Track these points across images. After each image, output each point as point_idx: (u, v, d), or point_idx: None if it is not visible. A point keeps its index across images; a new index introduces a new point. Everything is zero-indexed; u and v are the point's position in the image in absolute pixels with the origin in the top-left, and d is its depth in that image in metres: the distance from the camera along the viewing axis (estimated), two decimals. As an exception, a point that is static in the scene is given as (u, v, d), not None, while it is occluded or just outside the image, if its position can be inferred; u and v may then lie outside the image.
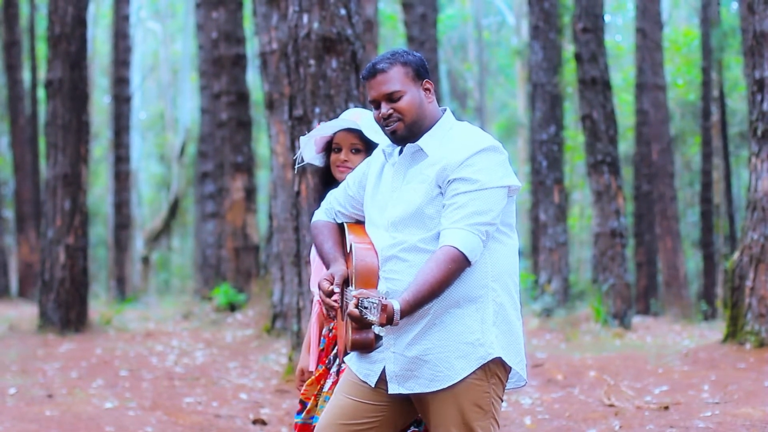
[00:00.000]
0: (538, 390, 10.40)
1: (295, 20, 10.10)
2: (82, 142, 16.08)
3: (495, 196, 4.25)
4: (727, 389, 9.50)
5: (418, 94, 4.40)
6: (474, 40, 43.73)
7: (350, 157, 4.97)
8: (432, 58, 23.14)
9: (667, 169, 25.20)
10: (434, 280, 4.12)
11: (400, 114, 4.38)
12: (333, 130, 5.00)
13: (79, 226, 15.93)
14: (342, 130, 4.98)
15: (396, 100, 4.38)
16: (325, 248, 4.69)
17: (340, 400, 4.49)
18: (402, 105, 4.38)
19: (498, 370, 4.32)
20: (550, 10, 22.04)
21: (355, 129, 4.96)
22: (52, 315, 15.56)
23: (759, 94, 11.44)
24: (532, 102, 22.96)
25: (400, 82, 4.38)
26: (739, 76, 27.53)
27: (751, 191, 11.52)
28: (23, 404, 9.71)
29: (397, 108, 4.38)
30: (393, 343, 4.33)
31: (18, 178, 26.74)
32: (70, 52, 15.97)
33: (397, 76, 4.39)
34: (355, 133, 4.97)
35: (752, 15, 11.50)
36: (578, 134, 29.14)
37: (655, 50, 24.94)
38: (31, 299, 23.79)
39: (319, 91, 9.97)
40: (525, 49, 29.60)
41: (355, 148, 4.98)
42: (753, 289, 11.20)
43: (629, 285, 17.83)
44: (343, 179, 4.93)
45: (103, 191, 41.27)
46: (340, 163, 4.98)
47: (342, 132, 4.99)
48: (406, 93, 4.38)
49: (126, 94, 30.51)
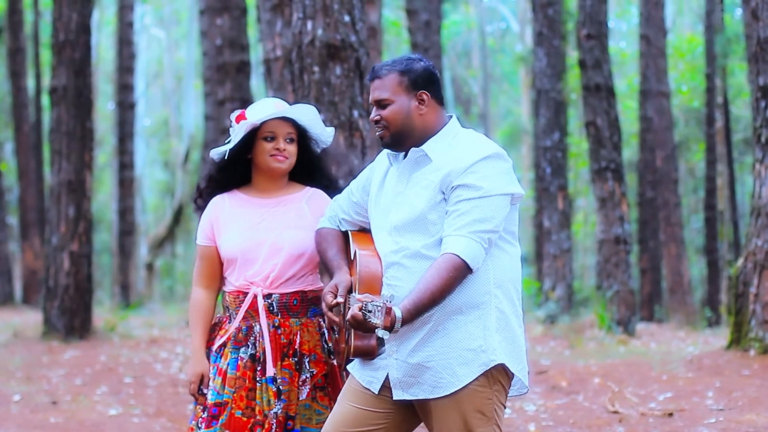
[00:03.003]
0: (542, 396, 10.39)
1: (299, 27, 10.10)
2: (86, 148, 16.09)
3: (498, 203, 4.25)
4: (732, 396, 9.49)
5: (407, 105, 4.40)
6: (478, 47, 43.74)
7: (286, 146, 4.88)
8: (436, 65, 22.92)
9: (671, 176, 25.18)
10: (435, 288, 4.12)
11: (385, 122, 4.41)
12: (268, 118, 4.85)
13: (84, 232, 15.93)
14: (275, 119, 4.86)
15: (384, 107, 4.42)
16: (328, 255, 4.69)
17: (343, 408, 4.49)
18: (386, 114, 4.41)
19: (501, 377, 4.32)
20: (554, 16, 22.04)
21: (289, 118, 4.89)
22: (56, 322, 15.56)
23: (763, 100, 11.43)
24: (536, 108, 22.96)
25: (390, 90, 4.40)
26: (743, 82, 27.52)
27: (755, 198, 11.51)
28: (28, 411, 9.72)
29: (383, 116, 4.42)
30: (396, 350, 4.33)
31: (22, 184, 26.76)
32: (75, 58, 15.98)
33: (390, 84, 4.41)
34: (289, 122, 4.89)
35: (756, 21, 11.49)
36: (582, 141, 29.14)
37: (659, 57, 24.93)
38: (36, 306, 23.78)
39: (324, 98, 9.97)
40: (529, 56, 29.59)
41: (290, 137, 4.90)
42: (757, 296, 11.19)
43: (633, 292, 17.81)
44: (279, 169, 4.89)
45: (107, 198, 41.29)
46: (277, 152, 4.86)
47: (276, 120, 4.86)
48: (394, 102, 4.40)
49: (130, 101, 30.53)
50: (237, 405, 4.78)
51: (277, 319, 4.83)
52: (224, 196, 5.01)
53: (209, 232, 4.98)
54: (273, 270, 4.84)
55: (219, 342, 4.90)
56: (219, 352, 4.88)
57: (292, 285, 4.88)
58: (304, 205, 4.97)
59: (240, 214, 4.94)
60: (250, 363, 4.81)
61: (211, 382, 4.86)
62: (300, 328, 4.87)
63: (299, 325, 4.87)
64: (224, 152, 4.93)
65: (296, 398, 4.82)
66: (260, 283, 4.84)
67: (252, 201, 4.97)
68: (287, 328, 4.84)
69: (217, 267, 5.00)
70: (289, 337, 4.84)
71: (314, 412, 4.84)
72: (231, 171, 4.99)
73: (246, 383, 4.80)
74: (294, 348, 4.84)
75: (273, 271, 4.84)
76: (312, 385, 4.85)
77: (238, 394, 4.79)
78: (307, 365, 4.85)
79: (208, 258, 5.00)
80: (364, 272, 4.36)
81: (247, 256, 4.86)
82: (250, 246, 4.85)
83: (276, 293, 4.85)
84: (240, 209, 4.95)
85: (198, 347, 4.98)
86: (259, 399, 4.77)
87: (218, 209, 4.98)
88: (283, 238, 4.86)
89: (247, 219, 4.92)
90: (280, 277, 4.85)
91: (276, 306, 4.84)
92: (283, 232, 4.87)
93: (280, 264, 4.84)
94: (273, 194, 4.98)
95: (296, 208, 4.95)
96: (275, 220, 4.91)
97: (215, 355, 4.90)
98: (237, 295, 4.89)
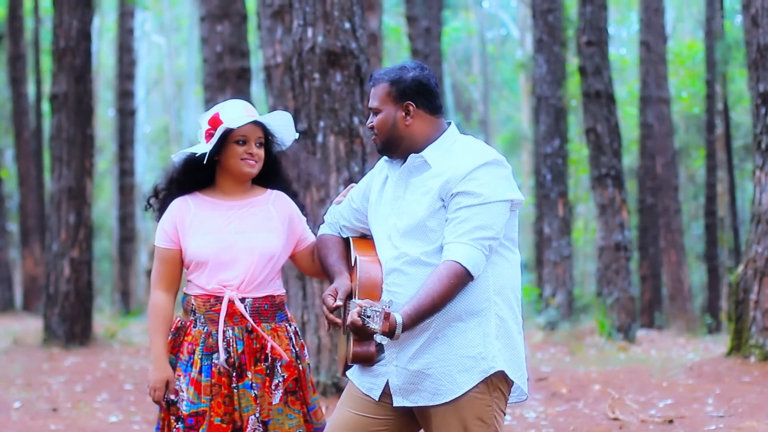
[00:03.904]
0: (542, 403, 10.38)
1: (300, 34, 10.12)
2: (86, 155, 16.10)
3: (498, 210, 4.26)
4: (732, 403, 9.49)
5: (393, 115, 4.43)
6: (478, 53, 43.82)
7: (256, 150, 4.85)
8: (436, 71, 23.17)
9: (671, 183, 25.20)
10: (436, 294, 4.13)
11: (376, 129, 4.47)
12: (245, 122, 4.82)
13: (84, 239, 15.94)
14: (249, 123, 4.83)
15: (376, 115, 4.47)
16: (329, 261, 4.70)
17: (343, 415, 4.49)
18: (376, 122, 4.47)
19: (500, 384, 4.32)
20: (555, 23, 22.07)
21: (260, 123, 4.87)
22: (56, 329, 15.56)
23: (763, 107, 11.43)
24: (537, 115, 22.98)
25: (379, 99, 4.46)
26: (743, 89, 27.51)
27: (755, 204, 11.51)
28: (28, 418, 9.71)
29: (374, 123, 4.47)
30: (395, 357, 4.33)
31: (23, 191, 26.77)
32: (75, 65, 16.00)
33: (379, 93, 4.46)
34: (259, 126, 4.87)
35: (756, 28, 11.49)
36: (582, 147, 29.14)
37: (659, 63, 24.95)
38: (36, 313, 23.77)
39: (324, 105, 9.99)
40: (529, 63, 29.60)
41: (260, 141, 4.87)
42: (757, 303, 11.18)
43: (633, 298, 17.81)
44: (249, 174, 4.86)
45: (107, 205, 41.32)
46: (248, 157, 4.82)
47: (249, 125, 4.83)
48: (382, 111, 4.46)
49: (130, 108, 30.56)
50: (216, 412, 4.74)
51: (250, 324, 4.81)
52: (186, 198, 4.93)
53: (172, 234, 4.88)
54: (248, 273, 4.80)
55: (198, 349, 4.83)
56: (189, 361, 4.82)
57: (263, 289, 4.85)
58: (271, 207, 4.94)
59: (208, 216, 4.87)
60: (224, 369, 4.77)
61: (183, 393, 4.80)
62: (270, 333, 4.85)
63: (270, 330, 4.85)
64: (189, 154, 4.88)
65: (268, 403, 4.80)
66: (235, 286, 4.81)
67: (219, 203, 4.90)
68: (258, 333, 4.83)
69: (178, 270, 4.94)
70: (261, 341, 4.82)
71: (286, 416, 4.82)
72: (197, 173, 4.92)
73: (222, 389, 4.76)
74: (265, 353, 4.82)
75: (248, 275, 4.80)
76: (284, 390, 4.83)
77: (216, 401, 4.75)
78: (279, 369, 4.83)
79: (170, 261, 4.91)
80: (364, 278, 4.36)
81: (219, 259, 4.80)
82: (221, 249, 4.80)
83: (249, 297, 4.81)
84: (207, 212, 4.88)
85: (162, 353, 4.88)
86: (237, 405, 4.74)
87: (182, 212, 4.89)
88: (255, 240, 4.83)
89: (215, 222, 4.85)
90: (254, 281, 4.82)
91: (249, 310, 4.81)
92: (253, 234, 4.84)
93: (253, 267, 4.81)
94: (238, 197, 4.93)
95: (263, 211, 4.92)
96: (244, 222, 4.86)
97: (185, 364, 4.83)
98: (208, 299, 4.82)
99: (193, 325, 4.86)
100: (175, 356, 4.89)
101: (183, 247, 4.87)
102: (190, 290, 4.90)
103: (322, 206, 9.77)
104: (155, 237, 4.96)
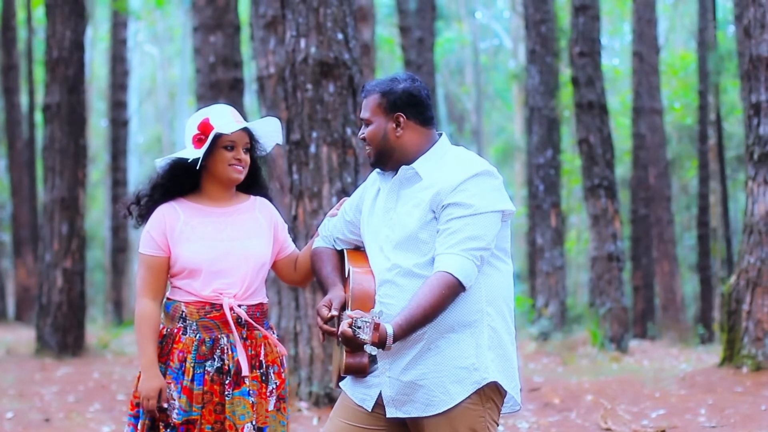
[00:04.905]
0: (535, 414, 10.38)
1: (293, 45, 10.13)
2: (79, 165, 16.11)
3: (489, 220, 4.27)
4: (724, 413, 9.49)
5: (383, 126, 4.45)
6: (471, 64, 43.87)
7: (243, 156, 4.84)
8: (429, 82, 23.19)
9: (664, 193, 25.22)
10: (428, 305, 4.13)
11: (368, 140, 4.48)
12: (237, 128, 4.81)
13: (77, 249, 15.94)
14: (239, 129, 4.83)
15: (367, 126, 4.49)
16: (323, 273, 4.70)
17: (336, 425, 4.49)
18: (367, 133, 4.49)
19: (493, 395, 4.33)
20: (547, 34, 22.10)
21: (247, 129, 4.87)
22: (49, 339, 15.55)
23: (755, 118, 11.45)
24: (529, 126, 23.00)
25: (370, 110, 4.48)
26: (735, 99, 27.57)
27: (747, 215, 11.53)
28: (20, 428, 9.70)
29: (365, 135, 4.49)
30: (388, 368, 4.34)
31: (15, 201, 26.72)
32: (68, 76, 16.01)
33: (370, 105, 4.48)
34: (246, 131, 4.86)
35: (748, 39, 11.52)
36: (575, 158, 29.16)
37: (652, 74, 25.00)
38: (29, 323, 23.72)
39: (317, 116, 10.00)
40: (522, 73, 29.66)
41: (247, 147, 4.86)
42: (750, 313, 11.19)
43: (626, 309, 17.82)
44: (237, 179, 4.85)
45: (100, 215, 41.25)
46: (236, 162, 4.81)
47: (239, 131, 4.83)
48: (373, 123, 4.47)
49: (123, 118, 30.53)
50: (206, 420, 4.73)
51: (244, 331, 4.81)
52: (172, 204, 4.88)
53: (161, 241, 4.84)
54: (245, 280, 4.80)
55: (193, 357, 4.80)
56: (180, 369, 4.79)
57: (255, 297, 4.86)
58: (258, 213, 4.94)
59: (199, 223, 4.83)
60: (217, 377, 4.75)
61: (175, 401, 4.76)
62: (262, 340, 4.86)
63: (261, 337, 4.86)
64: (175, 159, 4.87)
65: (265, 410, 4.81)
66: (232, 294, 4.79)
67: (209, 210, 4.87)
68: (253, 340, 4.83)
69: (164, 277, 4.89)
70: (256, 348, 4.84)
71: (279, 423, 4.85)
72: (183, 178, 4.89)
73: (213, 398, 4.75)
74: (259, 360, 4.84)
75: (245, 282, 4.80)
76: (277, 396, 4.86)
77: (207, 409, 4.74)
78: (272, 376, 4.86)
79: (157, 268, 4.87)
80: (357, 289, 4.37)
81: (214, 267, 4.77)
82: (216, 256, 4.77)
83: (245, 305, 4.82)
84: (198, 218, 4.84)
85: (153, 361, 4.81)
86: (229, 414, 4.72)
87: (171, 218, 4.85)
88: (249, 247, 4.83)
89: (207, 229, 4.83)
90: (249, 288, 4.82)
91: (243, 318, 4.81)
92: (246, 242, 4.83)
93: (249, 274, 4.81)
94: (225, 203, 4.91)
95: (252, 218, 4.92)
96: (236, 229, 4.85)
97: (175, 372, 4.80)
98: (202, 306, 4.79)
99: (183, 333, 4.82)
100: (164, 364, 4.84)
101: (174, 255, 4.83)
102: (180, 297, 4.86)
103: (314, 217, 9.78)
104: (141, 244, 4.92)
